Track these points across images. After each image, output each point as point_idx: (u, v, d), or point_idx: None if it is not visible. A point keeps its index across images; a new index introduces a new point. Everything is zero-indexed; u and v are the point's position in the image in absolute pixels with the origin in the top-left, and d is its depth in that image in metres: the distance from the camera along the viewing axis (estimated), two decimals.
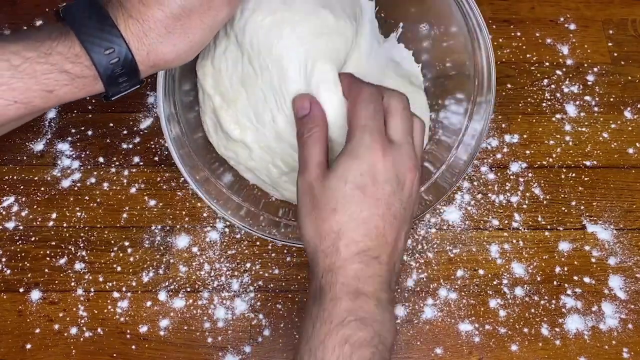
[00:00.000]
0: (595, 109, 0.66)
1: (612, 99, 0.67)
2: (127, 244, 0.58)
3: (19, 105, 0.41)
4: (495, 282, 0.57)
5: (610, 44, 0.70)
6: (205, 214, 0.60)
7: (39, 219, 0.59)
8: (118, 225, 0.59)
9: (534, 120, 0.65)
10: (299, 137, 0.47)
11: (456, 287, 0.56)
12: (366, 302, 0.42)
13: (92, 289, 0.56)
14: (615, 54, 0.70)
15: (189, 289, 0.56)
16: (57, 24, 0.41)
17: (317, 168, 0.45)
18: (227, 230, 0.59)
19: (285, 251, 0.58)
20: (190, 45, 0.43)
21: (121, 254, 0.57)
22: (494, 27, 0.71)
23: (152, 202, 0.60)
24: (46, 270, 0.56)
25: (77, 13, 0.41)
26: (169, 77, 0.51)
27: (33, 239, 0.58)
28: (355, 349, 0.40)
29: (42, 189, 0.61)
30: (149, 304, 0.55)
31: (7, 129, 0.44)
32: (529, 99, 0.67)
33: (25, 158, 0.62)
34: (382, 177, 0.43)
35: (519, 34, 0.71)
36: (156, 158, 0.62)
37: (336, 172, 0.44)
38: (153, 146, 0.63)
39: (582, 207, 0.60)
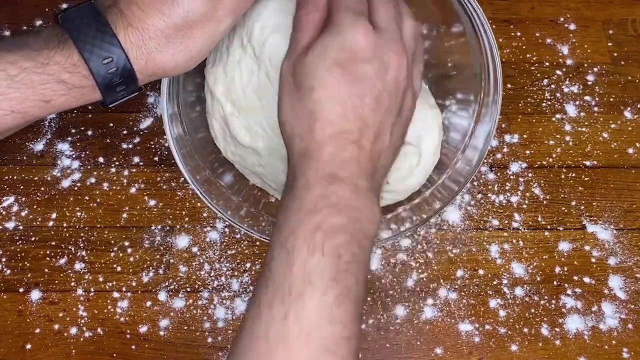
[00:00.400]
0: (595, 109, 0.66)
1: (612, 99, 0.67)
2: (127, 244, 0.58)
3: (16, 115, 0.41)
4: (495, 282, 0.57)
5: (610, 44, 0.70)
6: (205, 214, 0.60)
7: (39, 219, 0.59)
8: (118, 225, 0.59)
9: (534, 120, 0.65)
10: (296, 19, 0.44)
11: (456, 287, 0.56)
12: (340, 187, 0.39)
13: (92, 289, 0.56)
14: (615, 54, 0.70)
15: (189, 289, 0.56)
16: (56, 28, 0.41)
17: (303, 49, 0.42)
18: (227, 230, 0.59)
19: None
20: (191, 56, 0.42)
21: (121, 254, 0.57)
22: (494, 27, 0.71)
23: (152, 202, 0.60)
24: (46, 270, 0.56)
25: (76, 19, 0.40)
26: (173, 78, 0.51)
27: (33, 239, 0.58)
28: (328, 236, 0.38)
29: (42, 189, 0.61)
30: (149, 304, 0.55)
31: (3, 136, 0.44)
32: (529, 99, 0.67)
33: (25, 158, 0.62)
34: (363, 55, 0.41)
35: (519, 34, 0.71)
36: (156, 158, 0.62)
37: (315, 49, 0.41)
38: (153, 146, 0.63)
39: (582, 207, 0.60)
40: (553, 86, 0.67)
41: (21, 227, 0.59)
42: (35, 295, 0.55)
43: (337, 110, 0.41)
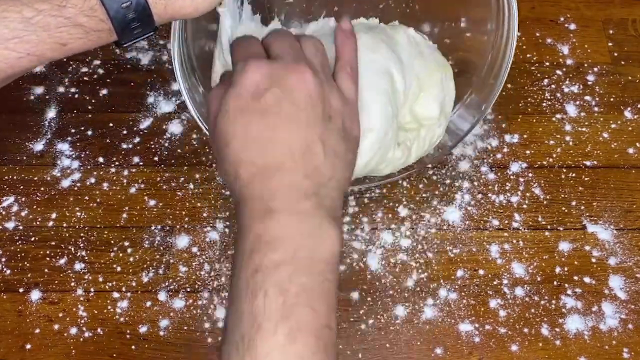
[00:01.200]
0: (596, 109, 0.66)
1: (612, 99, 0.67)
2: (127, 244, 0.58)
3: (32, 57, 0.41)
4: (495, 282, 0.57)
5: (610, 44, 0.70)
6: (205, 214, 0.59)
7: (39, 219, 0.59)
8: (118, 225, 0.59)
9: (534, 120, 0.65)
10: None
11: (456, 287, 0.56)
12: (275, 220, 0.39)
13: (92, 289, 0.56)
14: (616, 54, 0.70)
15: (188, 289, 0.56)
16: None
17: (212, 116, 0.44)
18: (227, 230, 0.59)
19: None
20: None
21: (121, 254, 0.57)
22: None
23: (152, 202, 0.60)
24: (46, 270, 0.56)
25: None
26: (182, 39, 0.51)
27: (33, 239, 0.58)
28: (267, 275, 0.37)
29: (42, 189, 0.60)
30: (148, 304, 0.55)
31: (18, 76, 0.44)
32: (529, 99, 0.67)
33: (25, 158, 0.62)
34: (261, 90, 0.41)
35: (519, 33, 0.71)
36: (156, 158, 0.62)
37: (220, 110, 0.42)
38: (153, 146, 0.63)
39: (582, 207, 0.60)
40: (553, 86, 0.67)
41: (21, 227, 0.59)
42: (35, 295, 0.55)
43: (255, 149, 0.41)
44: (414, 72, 0.54)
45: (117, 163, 0.62)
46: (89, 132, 0.64)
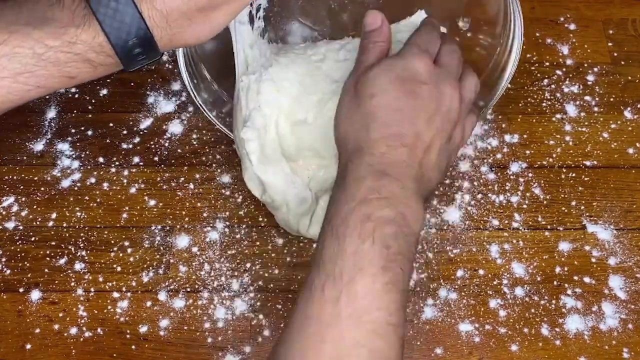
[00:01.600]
0: (595, 109, 0.66)
1: (612, 99, 0.67)
2: (127, 244, 0.58)
3: (40, 90, 0.42)
4: (495, 282, 0.57)
5: (610, 44, 0.70)
6: (205, 214, 0.59)
7: (39, 219, 0.59)
8: (118, 225, 0.59)
9: (534, 120, 0.65)
10: (362, 45, 0.49)
11: (456, 287, 0.56)
12: (390, 182, 0.42)
13: (92, 289, 0.56)
14: (616, 54, 0.70)
15: (189, 289, 0.56)
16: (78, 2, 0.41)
17: (366, 68, 0.47)
18: (227, 230, 0.59)
19: (285, 251, 0.58)
20: (212, 31, 0.44)
21: (121, 254, 0.57)
22: None
23: (152, 202, 0.60)
24: (46, 270, 0.56)
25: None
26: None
27: (33, 239, 0.58)
28: (377, 226, 0.40)
29: (42, 189, 0.60)
30: (149, 304, 0.55)
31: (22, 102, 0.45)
32: (529, 99, 0.67)
33: (25, 158, 0.62)
34: (422, 80, 0.45)
35: None
36: (156, 158, 0.62)
37: (381, 65, 0.46)
38: (153, 146, 0.63)
39: (582, 207, 0.60)
40: (553, 86, 0.67)
41: (21, 227, 0.59)
42: (35, 295, 0.55)
43: (394, 116, 0.44)
44: None
45: (117, 163, 0.62)
46: (89, 132, 0.64)
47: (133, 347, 0.53)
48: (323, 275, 0.39)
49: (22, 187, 0.61)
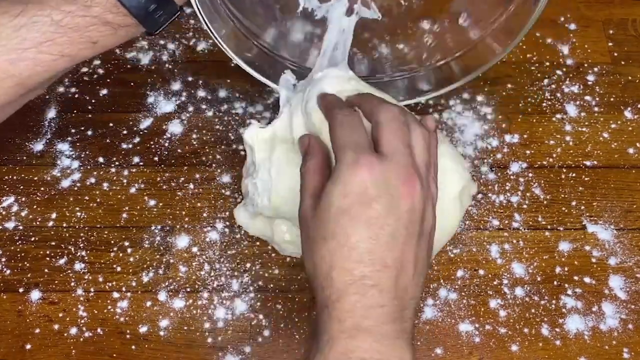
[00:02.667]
0: (596, 109, 0.66)
1: (612, 99, 0.67)
2: (127, 244, 0.58)
3: (66, 58, 0.42)
4: (495, 282, 0.57)
5: (610, 44, 0.70)
6: (205, 214, 0.59)
7: (39, 219, 0.59)
8: (118, 225, 0.59)
9: (534, 120, 0.65)
10: (300, 170, 0.45)
11: (456, 287, 0.56)
12: (364, 340, 0.38)
13: (92, 289, 0.56)
14: (616, 54, 0.70)
15: (189, 289, 0.56)
16: None
17: (310, 199, 0.43)
18: (227, 230, 0.59)
19: None
20: None
21: (121, 254, 0.57)
22: None
23: (152, 202, 0.60)
24: (46, 270, 0.56)
25: None
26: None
27: (33, 239, 0.58)
28: None
29: (42, 189, 0.60)
30: (148, 304, 0.55)
31: (55, 79, 0.45)
32: (529, 99, 0.67)
33: (25, 158, 0.62)
34: (369, 196, 0.40)
35: None
36: (156, 158, 0.62)
37: (322, 200, 0.41)
38: (153, 146, 0.63)
39: (583, 207, 0.60)
40: (553, 86, 0.67)
41: (21, 227, 0.59)
42: (35, 295, 0.55)
43: (353, 257, 0.39)
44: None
45: (117, 163, 0.62)
46: (89, 132, 0.64)
47: (133, 347, 0.53)
48: None
49: (22, 187, 0.61)
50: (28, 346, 0.53)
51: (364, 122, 0.45)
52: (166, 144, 0.63)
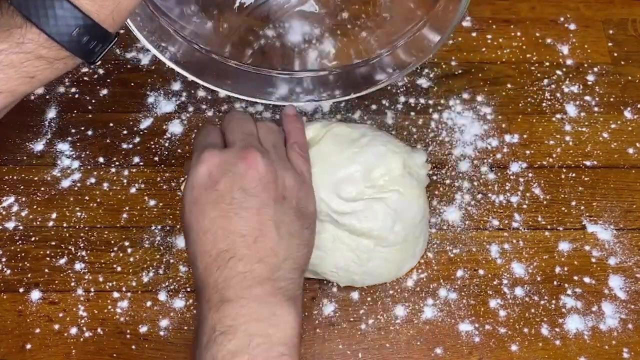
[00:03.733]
0: (596, 109, 0.66)
1: (612, 99, 0.67)
2: (127, 244, 0.58)
3: (6, 94, 0.42)
4: (495, 282, 0.57)
5: (610, 44, 0.70)
6: None
7: (39, 219, 0.59)
8: (118, 225, 0.59)
9: (534, 120, 0.65)
10: None
11: (456, 287, 0.56)
12: (231, 307, 0.40)
13: (92, 289, 0.56)
14: (616, 54, 0.70)
15: (189, 289, 0.56)
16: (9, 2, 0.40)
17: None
18: None
19: None
20: None
21: (121, 254, 0.57)
22: (494, 27, 0.71)
23: (152, 202, 0.60)
24: (46, 270, 0.56)
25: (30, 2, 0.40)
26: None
27: (33, 239, 0.58)
28: None
29: (42, 189, 0.60)
30: (149, 304, 0.55)
31: None
32: (529, 99, 0.67)
33: (25, 158, 0.62)
34: (214, 179, 0.44)
35: (519, 34, 0.71)
36: (156, 158, 0.62)
37: (181, 203, 0.46)
38: (153, 146, 0.63)
39: (582, 207, 0.60)
40: (553, 86, 0.67)
41: (21, 227, 0.59)
42: (35, 295, 0.55)
43: (208, 239, 0.42)
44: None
45: (117, 163, 0.62)
46: (89, 132, 0.64)
47: (133, 347, 0.53)
48: None
49: (22, 187, 0.61)
50: (28, 346, 0.53)
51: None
52: (166, 144, 0.63)
